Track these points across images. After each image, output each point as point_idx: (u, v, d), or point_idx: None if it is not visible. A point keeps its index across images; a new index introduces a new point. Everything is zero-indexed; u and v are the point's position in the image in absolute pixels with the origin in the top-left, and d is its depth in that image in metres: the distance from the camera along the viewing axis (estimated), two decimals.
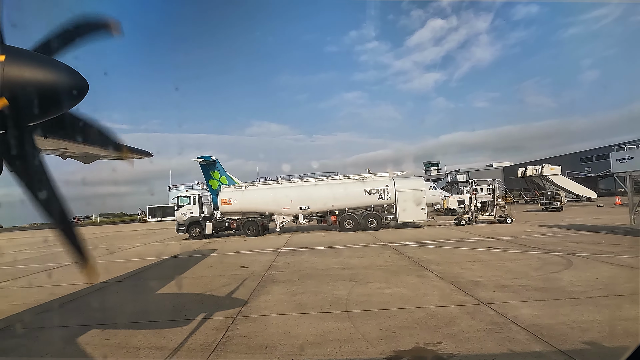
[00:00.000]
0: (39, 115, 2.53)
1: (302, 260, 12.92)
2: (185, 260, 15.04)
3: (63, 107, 2.65)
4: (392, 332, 5.74)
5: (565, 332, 5.28)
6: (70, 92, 2.54)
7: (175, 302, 8.61)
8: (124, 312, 7.90)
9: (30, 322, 7.68)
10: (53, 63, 2.51)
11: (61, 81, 2.47)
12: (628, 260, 9.72)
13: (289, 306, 7.55)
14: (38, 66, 2.42)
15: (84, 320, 7.53)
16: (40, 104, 2.43)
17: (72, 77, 2.55)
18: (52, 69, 2.46)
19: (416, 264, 11.04)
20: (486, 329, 5.58)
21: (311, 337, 5.79)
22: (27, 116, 2.48)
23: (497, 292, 7.56)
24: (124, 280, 11.64)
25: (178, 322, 7.04)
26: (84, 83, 2.62)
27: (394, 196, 21.94)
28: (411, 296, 7.69)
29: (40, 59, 2.49)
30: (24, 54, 2.44)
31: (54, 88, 2.44)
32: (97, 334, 6.52)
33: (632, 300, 6.51)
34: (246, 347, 5.61)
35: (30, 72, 2.36)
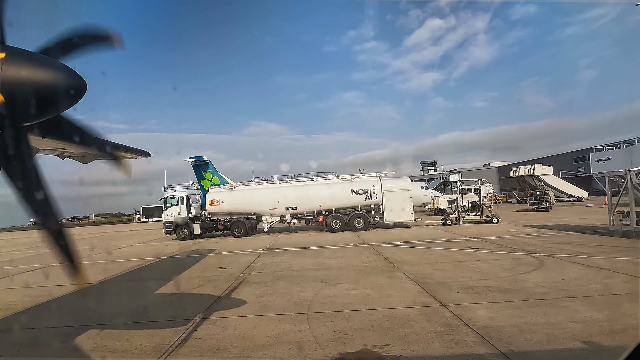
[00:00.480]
0: (36, 114, 2.52)
1: (280, 261, 12.91)
2: (165, 262, 15.02)
3: (61, 106, 2.64)
4: (344, 334, 5.75)
5: (514, 334, 5.29)
6: (68, 91, 2.53)
7: (143, 303, 8.60)
8: (90, 314, 7.86)
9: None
10: (51, 63, 2.50)
11: (59, 81, 2.46)
12: (599, 261, 9.74)
13: (252, 308, 7.55)
14: (36, 65, 2.41)
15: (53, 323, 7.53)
16: (38, 104, 2.42)
17: (70, 76, 2.54)
18: (50, 69, 2.45)
19: (391, 264, 11.05)
20: (437, 331, 5.59)
21: (264, 339, 5.79)
22: (24, 116, 2.47)
23: (461, 293, 7.57)
24: (102, 281, 11.62)
25: (140, 324, 7.06)
26: (82, 83, 2.61)
27: (380, 196, 21.95)
28: (375, 297, 7.69)
29: (39, 59, 2.48)
30: (22, 54, 2.43)
31: (52, 87, 2.43)
32: (62, 334, 6.51)
33: (589, 302, 6.52)
34: (198, 350, 5.61)
35: (28, 71, 2.35)
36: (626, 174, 13.06)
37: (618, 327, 5.29)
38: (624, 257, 9.96)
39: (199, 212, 24.06)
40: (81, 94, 2.62)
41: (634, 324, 5.37)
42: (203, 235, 23.71)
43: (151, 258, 16.00)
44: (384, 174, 23.16)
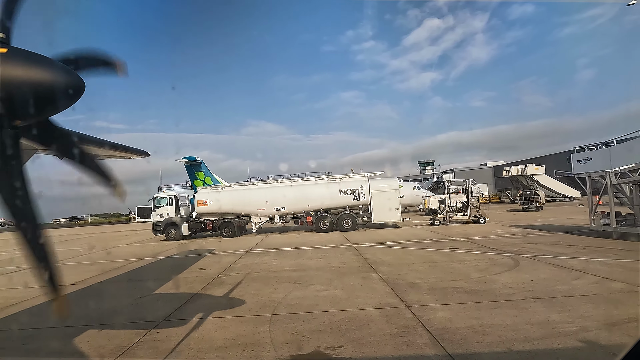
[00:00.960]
0: (34, 114, 2.47)
1: (261, 262, 12.92)
2: (147, 263, 14.99)
3: (59, 106, 2.59)
4: (302, 335, 5.76)
5: (467, 335, 5.30)
6: (67, 91, 2.49)
7: (113, 305, 8.59)
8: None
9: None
10: (50, 62, 2.47)
11: (58, 80, 2.43)
12: (572, 262, 9.76)
13: (220, 310, 7.56)
14: (34, 64, 2.38)
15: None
16: (36, 103, 2.38)
17: (68, 76, 2.51)
18: (48, 68, 2.42)
19: (368, 265, 11.06)
20: (393, 333, 5.60)
21: (222, 341, 5.79)
22: (21, 115, 2.42)
23: (428, 294, 7.59)
24: (77, 283, 11.60)
25: (104, 325, 7.06)
26: (81, 82, 2.58)
27: (368, 197, 21.96)
28: (343, 298, 7.70)
29: (37, 58, 2.44)
30: (20, 53, 2.40)
31: (50, 87, 2.40)
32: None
33: (551, 303, 6.53)
34: (154, 351, 5.62)
35: (26, 70, 2.32)
36: (605, 175, 13.10)
37: (572, 328, 5.30)
38: (597, 258, 9.98)
39: (189, 213, 24.02)
40: (80, 94, 2.59)
41: (587, 325, 5.38)
42: (192, 236, 23.69)
43: (133, 260, 15.98)
44: (372, 174, 23.17)
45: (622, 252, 10.69)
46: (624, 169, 12.45)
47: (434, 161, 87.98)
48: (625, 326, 5.25)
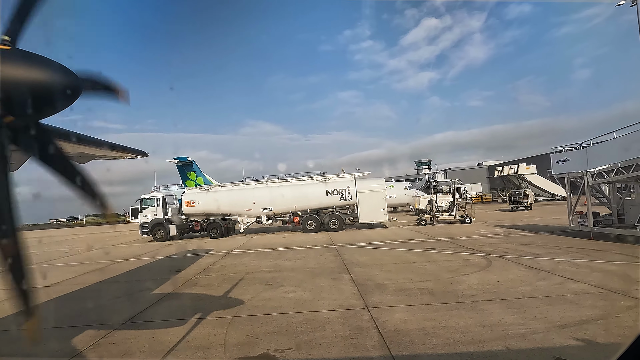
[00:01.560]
0: (32, 115, 2.45)
1: (239, 263, 12.92)
2: (126, 265, 14.96)
3: (57, 106, 2.57)
4: (255, 338, 5.77)
5: (416, 338, 5.32)
6: (65, 91, 2.47)
7: (78, 308, 8.57)
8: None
9: None
10: (48, 62, 2.44)
11: (56, 80, 2.41)
12: (544, 262, 9.80)
13: (183, 311, 7.56)
14: (32, 65, 2.36)
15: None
16: (34, 103, 2.35)
17: (67, 76, 2.48)
18: (46, 68, 2.40)
19: (344, 266, 11.08)
20: (345, 335, 5.61)
21: (173, 343, 5.80)
22: (19, 115, 2.39)
23: (392, 295, 7.61)
24: (52, 285, 11.58)
25: (65, 329, 7.04)
26: (79, 82, 2.56)
27: (355, 197, 21.97)
28: (308, 300, 7.71)
29: (35, 58, 2.43)
30: (16, 53, 2.38)
31: (48, 87, 2.37)
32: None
33: (509, 304, 6.56)
34: (108, 354, 5.62)
35: (23, 70, 2.30)
36: (583, 175, 13.14)
37: (521, 330, 5.32)
38: (569, 259, 10.02)
39: (177, 214, 23.98)
40: (78, 94, 2.57)
41: (537, 328, 5.40)
42: (180, 236, 23.65)
43: (114, 261, 15.95)
44: (360, 174, 23.18)
45: (594, 252, 10.73)
46: (600, 169, 12.49)
47: (430, 161, 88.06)
48: (574, 328, 5.27)
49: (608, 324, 5.38)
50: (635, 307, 6.00)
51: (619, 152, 11.56)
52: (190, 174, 37.96)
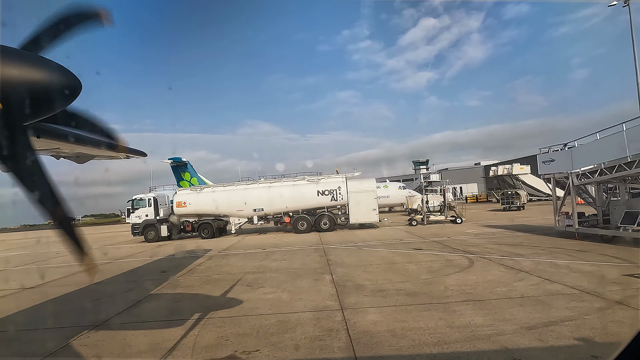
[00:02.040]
0: (31, 115, 2.48)
1: (225, 264, 12.92)
2: (111, 266, 14.94)
3: (56, 106, 2.60)
4: (225, 340, 5.77)
5: (384, 339, 5.33)
6: (63, 91, 2.50)
7: (56, 310, 8.55)
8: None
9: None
10: (46, 62, 2.46)
11: (54, 80, 2.43)
12: (525, 262, 9.83)
13: (161, 313, 7.57)
14: (30, 65, 2.37)
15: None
16: (33, 104, 2.38)
17: (65, 76, 2.51)
18: (44, 69, 2.42)
19: (327, 267, 11.09)
20: (314, 337, 5.62)
21: (144, 346, 5.82)
22: (19, 116, 2.43)
23: (369, 296, 7.62)
24: (35, 287, 11.56)
25: (35, 331, 7.06)
26: (77, 82, 2.58)
27: (346, 197, 21.97)
28: (285, 301, 7.72)
29: (33, 58, 2.44)
30: (15, 53, 2.39)
31: (47, 87, 2.40)
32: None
33: (482, 305, 6.57)
34: (76, 357, 5.62)
35: (22, 71, 2.32)
36: (568, 176, 13.18)
37: (488, 332, 5.34)
38: (550, 259, 10.05)
39: (168, 214, 23.94)
40: (76, 94, 2.60)
41: (505, 329, 5.42)
42: (171, 237, 23.61)
43: (103, 262, 15.94)
44: (351, 175, 23.20)
45: (577, 253, 10.76)
46: (585, 170, 12.53)
47: (428, 160, 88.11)
48: (540, 330, 5.29)
49: (575, 325, 5.39)
50: (606, 309, 6.03)
51: (603, 152, 11.60)
52: (185, 174, 37.94)
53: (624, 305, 6.11)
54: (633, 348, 1.17)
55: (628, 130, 10.68)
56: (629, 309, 5.94)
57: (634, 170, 10.61)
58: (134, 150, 5.35)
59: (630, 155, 10.54)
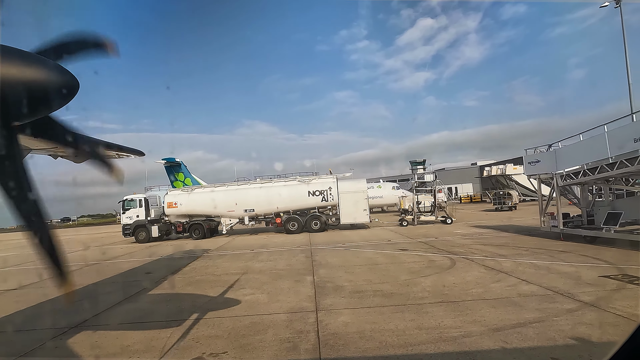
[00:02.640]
0: (27, 114, 2.42)
1: (211, 265, 12.93)
2: (97, 267, 14.91)
3: (53, 106, 2.55)
4: (196, 341, 5.79)
5: (351, 341, 5.36)
6: (60, 90, 2.46)
7: (34, 312, 8.52)
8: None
9: None
10: (43, 61, 2.42)
11: (51, 79, 2.39)
12: (506, 264, 9.87)
13: (138, 315, 7.57)
14: (27, 63, 2.33)
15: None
16: (29, 103, 2.33)
17: (62, 75, 2.46)
18: (41, 67, 2.38)
19: (311, 267, 11.11)
20: (284, 338, 5.64)
21: (118, 348, 5.81)
22: (14, 115, 2.37)
23: (345, 298, 7.64)
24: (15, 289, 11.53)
25: (16, 333, 7.04)
26: (75, 82, 2.54)
27: (336, 198, 22.00)
28: (262, 303, 7.73)
29: (30, 57, 2.41)
30: (12, 52, 2.34)
31: (43, 86, 2.35)
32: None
33: (454, 307, 6.60)
34: (53, 356, 5.65)
35: (18, 69, 2.28)
36: (553, 177, 13.25)
37: (456, 334, 5.37)
38: (532, 260, 10.09)
39: (159, 215, 23.90)
40: (73, 93, 2.56)
41: (472, 331, 5.45)
42: (163, 238, 23.58)
43: (91, 263, 15.90)
44: (342, 175, 23.24)
45: (559, 254, 10.81)
46: (569, 171, 12.60)
47: (425, 160, 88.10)
48: (507, 332, 5.32)
49: (542, 327, 5.43)
50: (575, 311, 6.06)
51: (586, 153, 11.67)
52: (178, 174, 37.89)
53: (595, 307, 6.15)
54: (627, 348, 1.16)
55: (609, 132, 10.74)
56: (598, 310, 5.98)
57: (615, 171, 10.67)
58: (131, 150, 5.35)
59: (611, 156, 10.60)
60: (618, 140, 10.44)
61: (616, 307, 6.00)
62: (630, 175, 11.21)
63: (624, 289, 7.02)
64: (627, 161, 10.21)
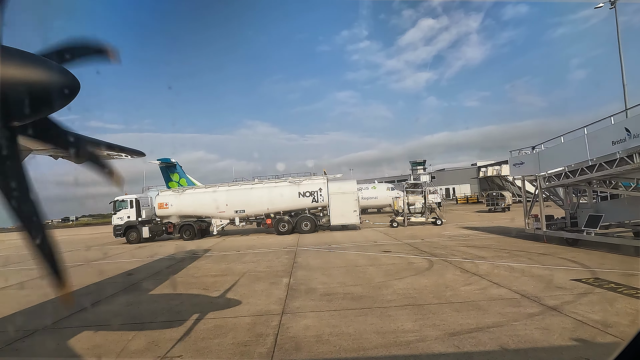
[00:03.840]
0: (28, 114, 2.42)
1: (193, 266, 12.99)
2: (87, 267, 14.97)
3: (54, 106, 2.56)
4: (155, 345, 5.80)
5: (307, 345, 5.36)
6: (61, 91, 2.46)
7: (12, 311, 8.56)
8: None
9: None
10: (44, 62, 2.44)
11: (52, 80, 2.40)
12: (484, 266, 9.85)
13: (106, 317, 7.61)
14: (28, 64, 2.35)
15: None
16: (30, 103, 2.34)
17: (63, 75, 2.47)
18: (43, 67, 2.39)
19: (290, 269, 11.12)
20: (242, 342, 5.65)
21: (81, 350, 5.84)
22: (15, 115, 2.38)
23: (315, 300, 7.64)
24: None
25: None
26: (76, 82, 2.55)
27: (327, 199, 21.99)
28: (232, 305, 7.76)
29: (31, 57, 2.42)
30: (13, 52, 2.36)
31: (44, 87, 2.37)
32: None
33: (418, 310, 6.59)
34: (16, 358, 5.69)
35: (20, 70, 2.29)
36: (536, 179, 13.22)
37: (411, 338, 5.36)
38: (510, 263, 10.06)
39: (151, 216, 23.94)
40: (74, 94, 2.57)
41: (428, 335, 5.44)
42: (154, 238, 23.63)
43: (76, 264, 15.96)
44: (332, 176, 23.23)
45: (538, 256, 10.78)
46: (551, 172, 12.56)
47: (425, 161, 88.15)
48: (463, 336, 5.31)
49: (498, 332, 5.41)
50: (536, 315, 6.04)
51: (567, 155, 11.65)
52: (174, 175, 37.89)
53: (557, 311, 6.12)
54: (632, 349, 1.14)
55: (589, 134, 10.71)
56: (559, 315, 5.95)
57: (594, 174, 10.64)
58: (132, 150, 5.37)
59: (591, 159, 10.57)
60: (597, 142, 10.41)
61: (577, 312, 5.98)
62: (612, 177, 11.16)
63: (591, 293, 6.99)
64: (606, 164, 10.19)
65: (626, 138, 9.45)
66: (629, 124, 9.44)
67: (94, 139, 3.93)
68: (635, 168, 9.44)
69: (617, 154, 9.71)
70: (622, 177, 10.83)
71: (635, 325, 5.55)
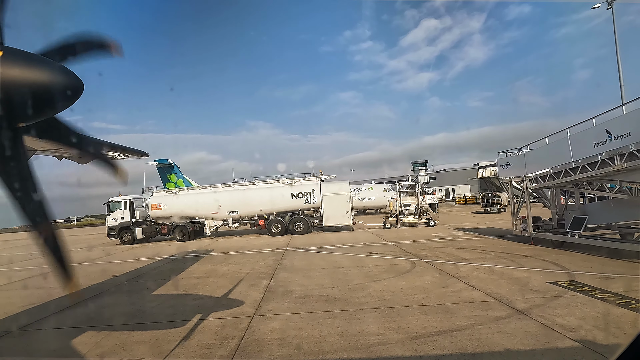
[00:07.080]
0: (32, 115, 2.48)
1: (178, 268, 13.09)
2: (76, 268, 15.04)
3: (57, 107, 2.61)
4: (121, 347, 5.85)
5: (269, 348, 5.39)
6: (65, 92, 2.51)
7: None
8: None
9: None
10: (48, 63, 2.48)
11: (56, 81, 2.43)
12: (464, 268, 9.83)
13: (79, 319, 7.65)
14: (32, 65, 2.39)
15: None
16: (34, 104, 2.39)
17: (67, 77, 2.51)
18: (47, 69, 2.43)
19: (274, 271, 11.14)
20: (206, 344, 5.69)
21: (48, 352, 5.90)
22: (20, 116, 2.43)
23: (289, 303, 7.66)
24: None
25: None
26: (79, 83, 2.58)
27: (319, 200, 22.01)
28: (207, 307, 7.77)
29: (36, 59, 2.46)
30: (18, 53, 2.41)
31: (48, 88, 2.41)
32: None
33: (387, 313, 6.60)
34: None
35: (24, 71, 2.33)
36: (522, 180, 13.18)
37: (373, 341, 5.37)
38: (491, 265, 10.04)
39: (144, 217, 24.04)
40: (78, 95, 2.60)
41: (390, 339, 5.44)
42: (148, 239, 23.72)
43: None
44: (325, 177, 23.24)
45: (521, 258, 10.75)
46: (537, 174, 12.52)
47: (427, 161, 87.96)
48: (424, 339, 5.31)
49: (461, 335, 5.40)
50: (503, 319, 6.02)
51: (551, 157, 11.61)
52: (171, 176, 37.98)
53: (524, 315, 6.10)
54: (632, 350, 1.14)
55: (572, 136, 10.67)
56: (526, 319, 5.93)
57: (578, 175, 10.60)
58: (135, 151, 5.41)
59: (574, 160, 10.53)
60: (580, 144, 10.38)
61: (544, 316, 5.96)
62: (597, 179, 11.10)
63: (563, 297, 6.96)
64: (589, 165, 10.15)
65: (607, 140, 9.42)
66: (609, 125, 9.40)
67: (96, 139, 3.97)
68: (617, 170, 9.40)
69: (599, 155, 9.67)
70: (606, 179, 10.77)
71: (608, 330, 5.53)
